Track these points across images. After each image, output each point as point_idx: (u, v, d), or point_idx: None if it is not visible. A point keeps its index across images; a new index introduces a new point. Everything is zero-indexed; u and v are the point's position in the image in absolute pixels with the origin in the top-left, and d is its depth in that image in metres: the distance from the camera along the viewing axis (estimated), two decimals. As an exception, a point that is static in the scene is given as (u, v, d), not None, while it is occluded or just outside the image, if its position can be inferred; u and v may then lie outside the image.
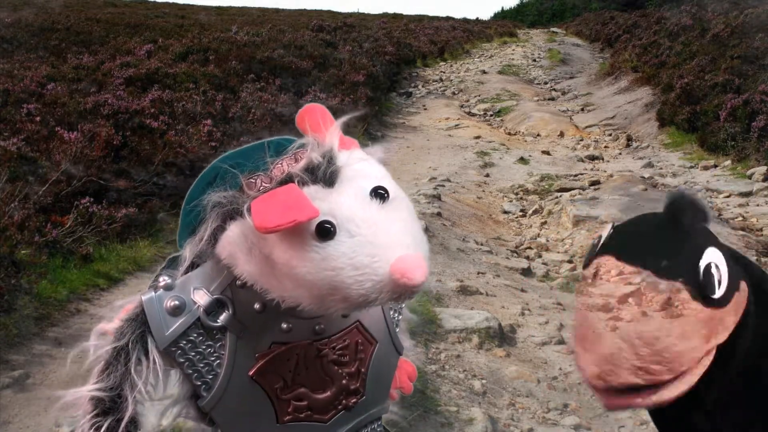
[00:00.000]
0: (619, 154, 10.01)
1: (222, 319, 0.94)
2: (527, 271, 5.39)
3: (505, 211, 7.20)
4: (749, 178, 7.65)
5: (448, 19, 29.24)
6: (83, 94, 7.46)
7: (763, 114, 8.35)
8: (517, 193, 7.80)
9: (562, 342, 3.99)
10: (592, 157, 9.66)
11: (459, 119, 12.27)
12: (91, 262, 4.52)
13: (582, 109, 13.33)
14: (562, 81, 16.61)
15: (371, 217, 0.83)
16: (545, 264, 5.69)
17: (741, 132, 8.49)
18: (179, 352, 0.93)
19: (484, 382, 3.33)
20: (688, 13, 16.40)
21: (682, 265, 0.74)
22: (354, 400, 1.03)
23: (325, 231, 0.82)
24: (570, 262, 5.70)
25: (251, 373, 0.95)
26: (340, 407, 1.02)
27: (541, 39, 24.32)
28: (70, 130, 5.81)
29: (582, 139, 10.96)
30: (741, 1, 14.97)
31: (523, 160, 9.27)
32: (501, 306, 4.43)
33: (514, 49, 21.62)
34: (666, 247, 0.76)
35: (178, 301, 0.93)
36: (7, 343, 3.40)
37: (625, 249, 0.77)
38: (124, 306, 0.97)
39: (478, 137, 10.73)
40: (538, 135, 11.38)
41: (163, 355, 0.93)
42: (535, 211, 7.06)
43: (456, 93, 15.01)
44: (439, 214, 6.21)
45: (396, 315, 1.13)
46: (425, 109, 13.29)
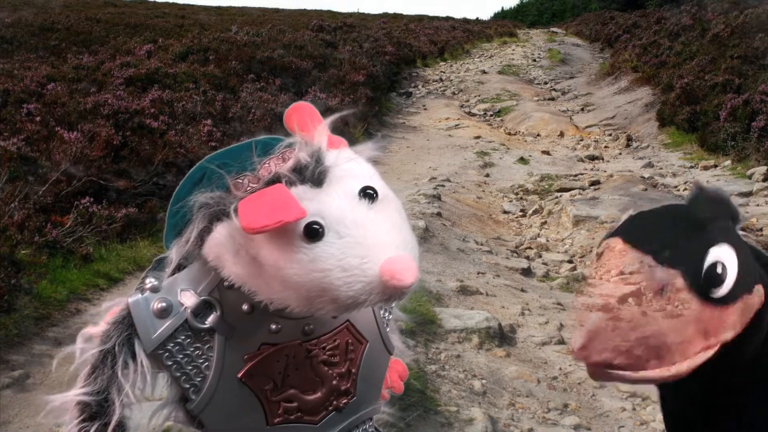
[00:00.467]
0: (619, 154, 10.01)
1: (210, 320, 0.92)
2: (527, 271, 5.39)
3: (505, 211, 7.20)
4: (749, 178, 7.65)
5: (448, 19, 29.24)
6: (83, 94, 7.46)
7: (763, 114, 8.35)
8: (517, 193, 7.80)
9: (562, 342, 3.99)
10: (592, 157, 9.66)
11: (459, 119, 12.27)
12: (91, 262, 4.52)
13: (582, 109, 13.33)
14: (562, 81, 16.60)
15: (360, 217, 0.82)
16: (545, 264, 5.69)
17: (741, 132, 8.49)
18: (167, 354, 0.91)
19: (484, 382, 3.33)
20: (688, 13, 16.39)
21: (685, 256, 0.73)
22: (345, 401, 1.02)
23: (313, 232, 0.81)
24: (570, 262, 5.70)
25: (240, 375, 0.93)
26: (330, 408, 1.01)
27: (541, 39, 24.32)
28: (70, 130, 5.81)
29: (582, 139, 10.96)
30: (741, 1, 14.96)
31: (523, 160, 9.27)
32: (501, 306, 4.43)
33: (514, 49, 21.62)
34: (676, 236, 0.75)
35: (165, 303, 0.92)
36: (7, 343, 3.40)
37: (634, 233, 0.77)
38: (111, 309, 0.95)
39: (478, 137, 10.73)
40: (538, 135, 11.38)
41: (150, 357, 0.91)
42: (535, 211, 7.06)
43: (456, 93, 15.01)
44: (439, 214, 6.21)
45: (386, 314, 1.12)
46: (425, 109, 13.29)
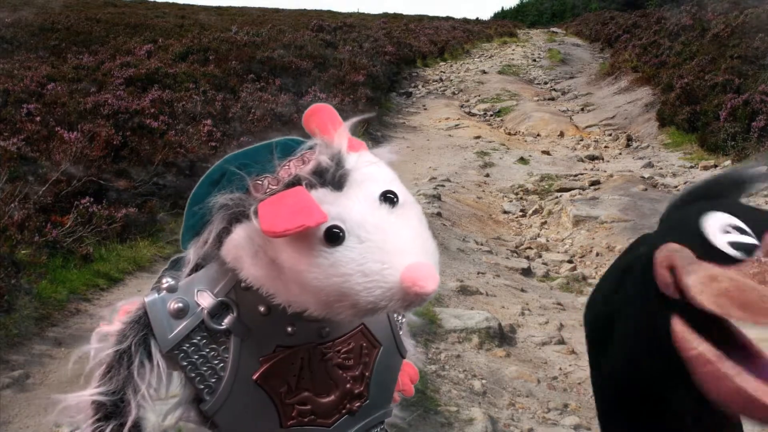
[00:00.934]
0: (619, 154, 10.01)
1: (226, 322, 0.92)
2: (527, 271, 5.39)
3: (505, 211, 7.20)
4: (749, 178, 7.65)
5: (448, 19, 29.25)
6: (83, 94, 7.46)
7: (763, 114, 8.35)
8: (517, 193, 7.80)
9: (562, 342, 3.99)
10: (592, 157, 9.67)
11: (459, 119, 12.27)
12: (91, 262, 4.52)
13: (582, 109, 13.33)
14: (562, 81, 16.60)
15: (381, 222, 0.81)
16: (545, 264, 5.69)
17: (741, 132, 8.49)
18: (182, 355, 0.91)
19: (484, 382, 3.33)
20: (688, 13, 16.39)
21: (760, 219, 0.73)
22: (358, 404, 1.01)
23: (334, 236, 0.80)
24: (570, 262, 5.70)
25: (255, 377, 0.93)
26: (344, 411, 1.00)
27: (541, 39, 24.32)
28: (70, 130, 5.81)
29: (582, 139, 10.96)
30: (741, 1, 14.96)
31: (523, 160, 9.27)
32: (501, 306, 4.43)
33: (514, 49, 21.62)
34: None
35: (181, 303, 0.91)
36: (7, 343, 3.40)
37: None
38: (123, 307, 0.95)
39: (478, 137, 10.73)
40: (538, 135, 11.38)
41: (166, 358, 0.91)
42: (535, 211, 7.07)
43: (456, 93, 15.01)
44: (439, 214, 6.21)
45: (400, 317, 1.11)
46: (425, 109, 13.30)
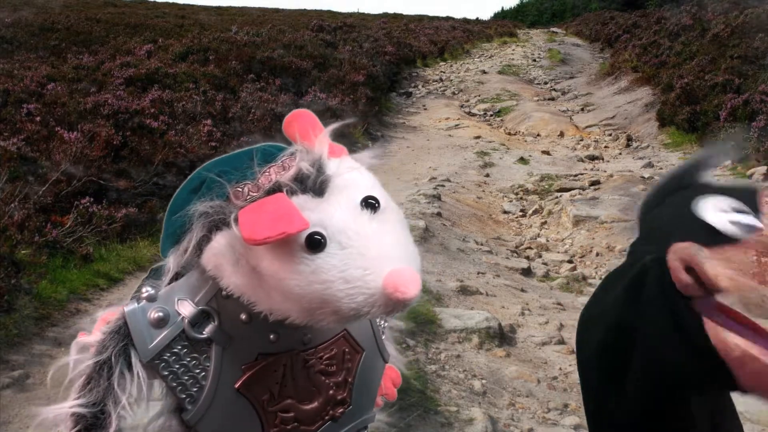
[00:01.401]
0: (619, 154, 10.02)
1: (207, 330, 0.91)
2: (527, 271, 5.39)
3: (505, 211, 7.20)
4: (749, 178, 7.66)
5: (448, 19, 29.25)
6: (83, 94, 7.46)
7: (763, 114, 8.35)
8: (517, 193, 7.80)
9: (562, 342, 3.99)
10: (592, 157, 9.67)
11: (459, 119, 12.28)
12: (91, 262, 4.52)
13: (582, 109, 13.33)
14: (562, 81, 16.60)
15: (362, 228, 0.81)
16: (545, 264, 5.69)
17: (741, 132, 8.49)
18: (163, 364, 0.90)
19: (484, 382, 3.33)
20: (688, 13, 16.39)
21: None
22: (341, 410, 1.01)
23: (315, 243, 0.79)
24: (570, 262, 5.70)
25: (237, 385, 0.92)
26: (327, 418, 1.00)
27: (541, 39, 24.32)
28: (70, 130, 5.81)
29: (582, 139, 10.96)
30: (741, 1, 14.96)
31: (523, 160, 9.27)
32: (501, 306, 4.43)
33: (514, 49, 21.62)
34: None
35: (162, 313, 0.90)
36: (7, 343, 3.40)
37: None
38: (102, 316, 0.94)
39: (478, 137, 10.73)
40: (538, 135, 11.38)
41: (146, 368, 0.90)
42: (535, 211, 7.06)
43: (456, 93, 15.01)
44: (439, 214, 6.20)
45: (382, 322, 1.11)
46: (425, 109, 13.30)
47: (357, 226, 0.81)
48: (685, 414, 0.75)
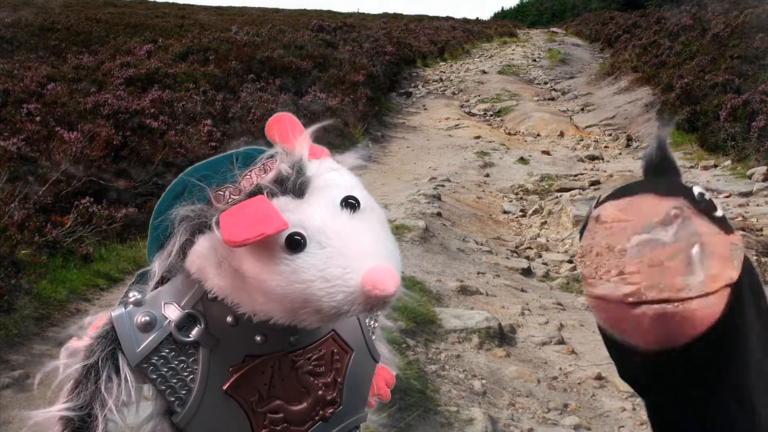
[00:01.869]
0: (619, 154, 10.02)
1: (194, 333, 0.92)
2: (527, 271, 5.39)
3: (505, 211, 7.20)
4: (749, 178, 7.66)
5: (448, 19, 29.25)
6: (83, 94, 7.46)
7: (763, 114, 8.35)
8: (517, 193, 7.80)
9: (562, 342, 3.99)
10: (592, 157, 9.67)
11: (459, 119, 12.28)
12: (91, 262, 4.52)
13: (582, 109, 13.33)
14: (562, 81, 16.60)
15: (342, 227, 0.82)
16: (545, 264, 5.69)
17: (741, 132, 8.50)
18: (151, 368, 0.91)
19: (484, 382, 3.33)
20: (688, 13, 16.39)
21: (677, 185, 0.73)
22: (331, 411, 1.02)
23: (295, 243, 0.80)
24: (570, 262, 5.70)
25: (225, 387, 0.93)
26: (317, 418, 1.01)
27: (541, 39, 24.32)
28: (70, 130, 5.81)
29: (582, 139, 10.97)
30: (741, 1, 14.96)
31: (523, 160, 9.27)
32: (501, 306, 4.43)
33: (514, 49, 21.62)
34: (661, 179, 0.76)
35: (148, 317, 0.91)
36: (7, 343, 3.41)
37: (621, 192, 0.77)
38: (93, 322, 0.95)
39: (478, 137, 10.73)
40: (538, 135, 11.38)
41: (134, 372, 0.91)
42: (535, 211, 7.06)
43: (456, 93, 15.01)
44: (439, 214, 6.20)
45: (372, 322, 1.11)
46: (425, 109, 13.30)
47: (336, 225, 0.82)
48: None
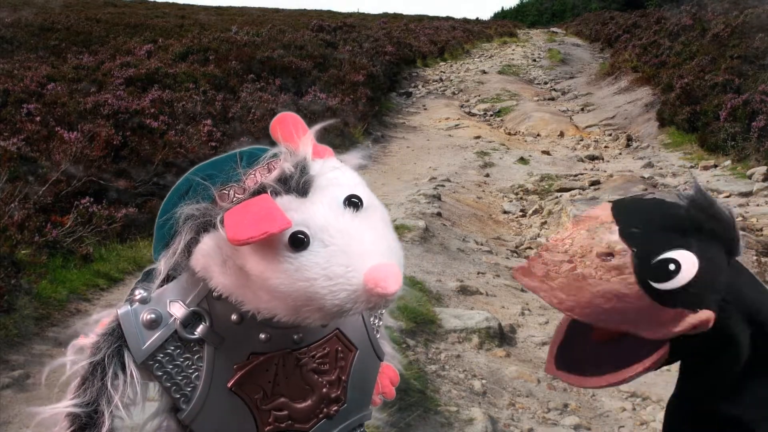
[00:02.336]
0: (619, 154, 10.02)
1: (199, 331, 0.93)
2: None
3: (505, 211, 7.20)
4: (749, 178, 7.65)
5: (448, 19, 29.24)
6: (83, 94, 7.46)
7: (763, 114, 8.35)
8: (517, 193, 7.80)
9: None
10: (592, 157, 9.66)
11: (459, 119, 12.27)
12: (91, 262, 4.52)
13: (582, 109, 13.33)
14: (562, 81, 16.60)
15: (345, 226, 0.83)
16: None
17: (741, 132, 8.49)
18: (157, 365, 0.92)
19: (484, 382, 3.33)
20: (688, 13, 16.39)
21: (648, 242, 0.75)
22: (335, 408, 1.03)
23: (298, 241, 0.81)
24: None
25: (230, 384, 0.94)
26: (321, 415, 1.01)
27: (541, 39, 24.31)
28: (70, 130, 5.81)
29: (582, 139, 10.96)
30: (741, 1, 14.96)
31: (523, 160, 9.27)
32: (501, 306, 4.43)
33: (514, 49, 21.62)
34: (653, 225, 0.77)
35: (154, 315, 0.92)
36: (7, 343, 3.40)
37: (621, 207, 0.79)
38: (101, 320, 0.96)
39: (478, 137, 10.73)
40: (538, 135, 11.38)
41: (140, 368, 0.92)
42: (535, 211, 7.06)
43: (456, 93, 15.01)
44: (439, 214, 6.20)
45: (376, 321, 1.12)
46: (425, 109, 13.29)
47: (339, 224, 0.83)
48: None
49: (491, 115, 13.10)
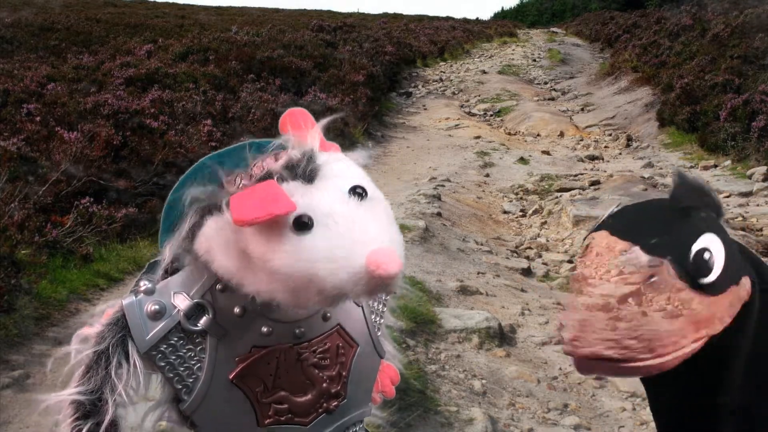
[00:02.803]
0: (619, 154, 10.02)
1: (202, 323, 0.94)
2: (527, 271, 5.39)
3: (505, 211, 7.20)
4: (749, 178, 7.65)
5: (448, 19, 29.25)
6: (83, 94, 7.46)
7: (763, 114, 8.35)
8: (517, 193, 7.80)
9: (562, 342, 3.99)
10: (592, 157, 9.67)
11: (459, 119, 12.27)
12: (91, 262, 4.52)
13: (582, 109, 13.33)
14: (562, 81, 16.60)
15: (349, 212, 0.84)
16: (545, 264, 5.69)
17: (741, 132, 8.49)
18: (160, 356, 0.93)
19: (484, 382, 3.33)
20: (688, 13, 16.39)
21: (672, 244, 0.73)
22: (335, 403, 1.04)
23: (302, 225, 0.82)
24: (570, 262, 5.70)
25: (231, 376, 0.95)
26: (321, 410, 1.03)
27: (541, 39, 24.32)
28: (70, 130, 5.80)
29: (582, 139, 10.96)
30: (741, 1, 14.96)
31: (523, 160, 9.27)
32: (501, 306, 4.43)
33: (514, 49, 21.62)
34: (662, 226, 0.75)
35: (158, 306, 0.94)
36: (7, 343, 3.40)
37: (620, 225, 0.77)
38: (106, 311, 0.97)
39: (478, 137, 10.73)
40: (538, 135, 11.38)
41: (143, 359, 0.93)
42: (535, 211, 7.06)
43: (456, 93, 15.01)
44: (439, 214, 6.20)
45: (378, 319, 1.13)
46: (425, 109, 13.30)
47: (344, 210, 0.84)
48: None
49: (491, 115, 13.10)
